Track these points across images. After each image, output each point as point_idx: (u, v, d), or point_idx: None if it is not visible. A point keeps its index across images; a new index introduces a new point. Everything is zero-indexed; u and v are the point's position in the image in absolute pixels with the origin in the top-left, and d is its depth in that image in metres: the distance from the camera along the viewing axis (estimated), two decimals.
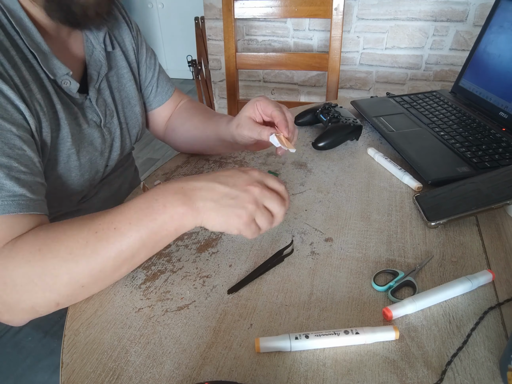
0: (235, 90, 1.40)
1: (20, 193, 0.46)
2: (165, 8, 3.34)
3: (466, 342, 0.42)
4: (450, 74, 1.65)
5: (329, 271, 0.52)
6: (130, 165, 0.84)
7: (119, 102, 0.69)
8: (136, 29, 0.74)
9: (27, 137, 0.49)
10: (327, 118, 0.83)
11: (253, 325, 0.45)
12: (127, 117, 0.72)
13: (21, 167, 0.47)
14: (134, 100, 0.73)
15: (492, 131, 0.77)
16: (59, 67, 0.55)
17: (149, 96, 0.78)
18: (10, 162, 0.46)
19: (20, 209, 0.45)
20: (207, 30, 1.80)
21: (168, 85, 0.80)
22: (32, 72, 0.53)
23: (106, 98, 0.66)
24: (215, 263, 0.53)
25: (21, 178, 0.46)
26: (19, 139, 0.48)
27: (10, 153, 0.46)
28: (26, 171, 0.47)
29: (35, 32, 0.53)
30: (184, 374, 0.40)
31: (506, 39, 0.83)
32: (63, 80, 0.57)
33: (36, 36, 0.53)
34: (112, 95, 0.68)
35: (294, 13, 1.30)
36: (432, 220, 0.57)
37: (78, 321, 0.46)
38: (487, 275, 0.48)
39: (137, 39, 0.74)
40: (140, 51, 0.74)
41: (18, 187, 0.46)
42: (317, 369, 0.40)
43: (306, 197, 0.66)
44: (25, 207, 0.46)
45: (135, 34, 0.73)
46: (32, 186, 0.48)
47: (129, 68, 0.71)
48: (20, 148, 0.47)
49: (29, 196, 0.46)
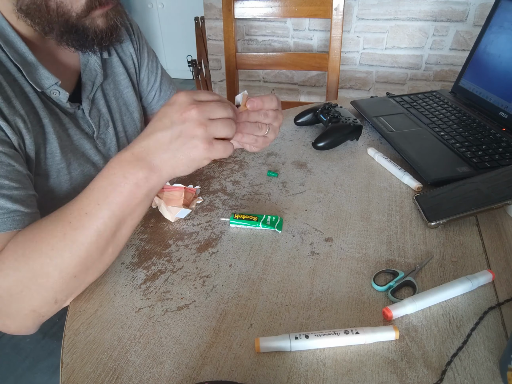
0: (235, 90, 1.40)
1: (14, 209, 0.46)
2: (165, 8, 3.34)
3: (466, 342, 0.42)
4: (450, 74, 1.65)
5: (329, 271, 0.52)
6: None
7: (116, 111, 0.68)
8: (137, 32, 0.72)
9: (13, 152, 0.48)
10: (327, 118, 0.83)
11: (253, 325, 0.45)
12: (126, 125, 0.70)
13: (12, 183, 0.46)
14: (132, 107, 0.71)
15: (492, 131, 0.77)
16: (46, 77, 0.53)
17: (152, 101, 0.77)
18: (1, 180, 0.45)
19: (15, 226, 0.46)
20: (207, 30, 1.80)
21: (170, 88, 0.79)
22: (16, 86, 0.52)
23: (100, 108, 0.64)
24: (215, 263, 0.53)
25: (14, 194, 0.46)
26: (5, 156, 0.47)
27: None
28: (18, 186, 0.47)
29: (19, 42, 0.51)
30: (184, 374, 0.40)
31: (506, 39, 0.83)
32: (52, 90, 0.55)
33: (21, 46, 0.51)
34: (108, 104, 0.66)
35: (294, 13, 1.30)
36: (432, 220, 0.57)
37: (78, 321, 0.46)
38: (487, 275, 0.48)
39: (138, 42, 0.72)
40: (142, 54, 0.73)
41: (12, 204, 0.46)
42: (317, 369, 0.40)
43: (306, 197, 0.66)
44: (21, 223, 0.46)
45: (136, 38, 0.71)
46: (26, 200, 0.48)
47: (126, 74, 0.69)
48: (8, 164, 0.47)
49: (23, 210, 0.47)
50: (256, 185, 0.69)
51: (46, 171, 0.56)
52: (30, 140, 0.52)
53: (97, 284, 0.51)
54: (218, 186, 0.69)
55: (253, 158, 0.78)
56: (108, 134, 0.66)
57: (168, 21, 3.41)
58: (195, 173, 0.73)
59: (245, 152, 0.80)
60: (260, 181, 0.70)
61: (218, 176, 0.72)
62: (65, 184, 0.59)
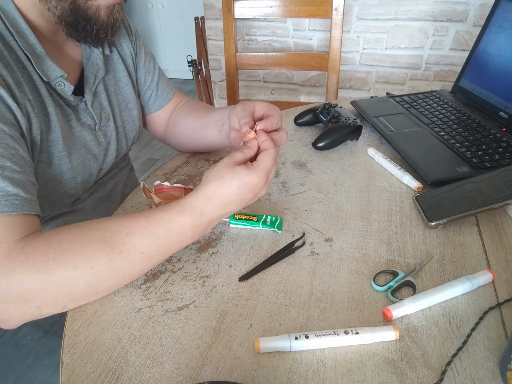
0: (235, 90, 1.40)
1: (13, 193, 0.45)
2: (165, 8, 3.34)
3: (466, 342, 0.42)
4: (450, 74, 1.65)
5: (329, 271, 0.52)
6: (125, 166, 0.84)
7: (116, 106, 0.69)
8: (135, 33, 0.74)
9: (18, 136, 0.49)
10: (327, 118, 0.83)
11: (253, 325, 0.45)
12: (124, 121, 0.72)
13: (14, 166, 0.46)
14: (132, 104, 0.73)
15: (492, 131, 0.77)
16: (53, 69, 0.55)
17: (149, 100, 0.78)
18: (4, 161, 0.45)
19: (14, 209, 0.45)
20: (207, 30, 1.80)
21: (168, 89, 0.80)
22: (25, 73, 0.53)
23: (102, 101, 0.66)
24: (215, 263, 0.53)
25: (15, 178, 0.46)
26: (11, 139, 0.47)
27: (4, 153, 0.46)
28: (20, 170, 0.47)
29: (29, 34, 0.53)
30: (184, 374, 0.40)
31: (506, 39, 0.83)
32: (57, 82, 0.57)
33: (31, 37, 0.53)
34: (109, 98, 0.68)
35: (294, 13, 1.30)
36: (432, 220, 0.57)
37: (78, 321, 0.46)
38: (487, 275, 0.48)
39: (135, 43, 0.73)
40: (139, 55, 0.74)
41: (12, 187, 0.45)
42: (317, 369, 0.40)
43: (306, 197, 0.66)
44: (19, 207, 0.45)
45: (133, 38, 0.73)
46: (26, 185, 0.47)
47: (126, 72, 0.71)
48: (12, 148, 0.47)
49: (22, 195, 0.46)
50: None
51: (49, 158, 0.57)
52: (36, 125, 0.53)
53: None
54: None
55: None
56: (109, 127, 0.68)
57: (168, 21, 3.41)
58: (195, 173, 0.73)
59: None
60: None
61: None
62: (67, 172, 0.60)
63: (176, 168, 0.75)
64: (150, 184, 0.69)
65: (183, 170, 0.75)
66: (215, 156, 0.79)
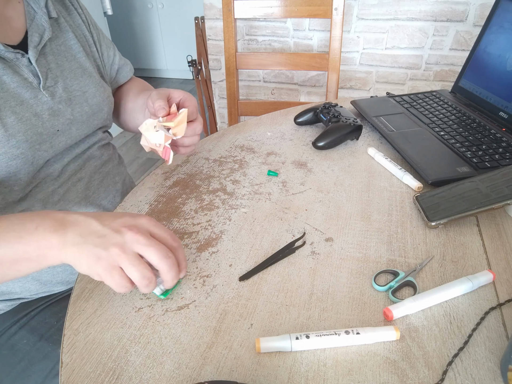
0: (235, 90, 1.40)
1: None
2: (165, 8, 3.34)
3: (467, 342, 0.42)
4: (450, 74, 1.65)
5: (330, 271, 0.51)
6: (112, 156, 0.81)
7: (69, 71, 0.69)
8: (83, 9, 0.76)
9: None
10: (327, 117, 0.83)
11: (253, 325, 0.45)
12: (83, 86, 0.70)
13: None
14: (90, 70, 0.73)
15: (492, 131, 0.77)
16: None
17: (117, 75, 0.83)
18: None
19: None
20: (207, 30, 1.79)
21: (127, 65, 0.85)
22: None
23: (49, 62, 0.66)
24: (215, 262, 0.53)
25: None
26: None
27: None
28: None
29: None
30: (184, 374, 0.40)
31: (506, 39, 0.83)
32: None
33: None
34: (58, 62, 0.67)
35: (294, 13, 1.30)
36: (432, 220, 0.57)
37: (77, 320, 0.46)
38: (487, 275, 0.48)
39: (86, 18, 0.76)
40: (93, 31, 0.77)
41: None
42: (318, 369, 0.40)
43: (306, 197, 0.66)
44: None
45: (82, 12, 0.75)
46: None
47: (77, 40, 0.72)
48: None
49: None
50: (256, 185, 0.69)
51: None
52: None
53: (96, 284, 0.50)
54: (218, 185, 0.69)
55: (253, 157, 0.78)
56: (57, 89, 0.66)
57: (168, 21, 3.41)
58: (194, 172, 0.73)
59: (245, 152, 0.80)
60: (260, 181, 0.70)
61: (218, 176, 0.72)
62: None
63: (176, 167, 0.75)
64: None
65: (183, 169, 0.74)
66: (215, 155, 0.79)
